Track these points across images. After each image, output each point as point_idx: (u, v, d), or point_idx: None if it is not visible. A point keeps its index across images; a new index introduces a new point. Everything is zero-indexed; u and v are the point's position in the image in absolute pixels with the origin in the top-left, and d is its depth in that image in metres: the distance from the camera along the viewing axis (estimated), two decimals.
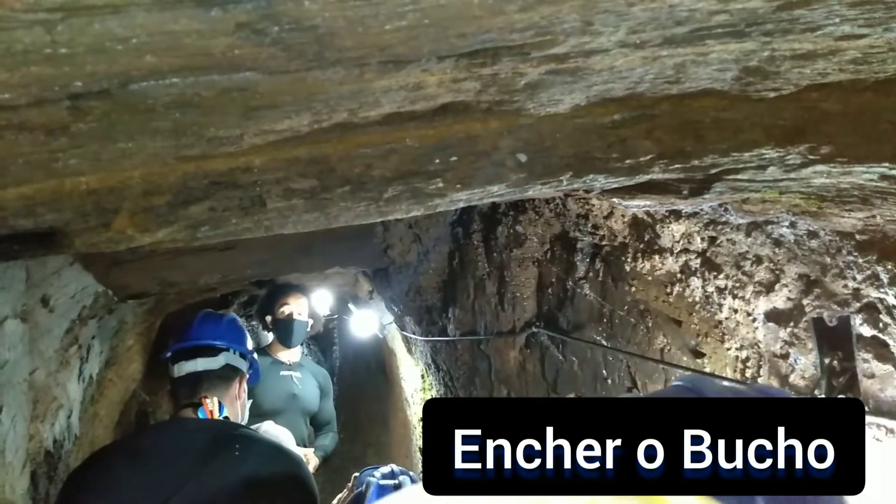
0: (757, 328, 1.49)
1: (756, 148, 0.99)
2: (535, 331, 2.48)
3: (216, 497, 1.44)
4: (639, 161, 1.02)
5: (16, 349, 2.30)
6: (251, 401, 1.94)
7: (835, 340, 1.26)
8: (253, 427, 2.09)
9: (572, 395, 2.29)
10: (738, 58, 0.87)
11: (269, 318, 3.00)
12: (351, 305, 5.56)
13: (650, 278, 1.83)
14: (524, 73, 0.88)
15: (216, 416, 1.69)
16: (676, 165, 1.02)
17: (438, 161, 1.04)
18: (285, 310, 2.96)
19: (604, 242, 2.04)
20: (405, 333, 4.18)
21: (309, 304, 3.09)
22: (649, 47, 0.82)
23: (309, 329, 3.11)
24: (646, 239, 1.81)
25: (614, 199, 1.36)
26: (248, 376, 1.85)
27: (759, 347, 1.49)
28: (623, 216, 1.89)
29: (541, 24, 0.72)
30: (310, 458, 2.79)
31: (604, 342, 2.08)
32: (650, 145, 1.00)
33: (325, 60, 0.74)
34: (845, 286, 1.24)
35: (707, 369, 1.65)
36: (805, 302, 1.35)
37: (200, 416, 1.67)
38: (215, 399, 1.70)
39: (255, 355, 1.96)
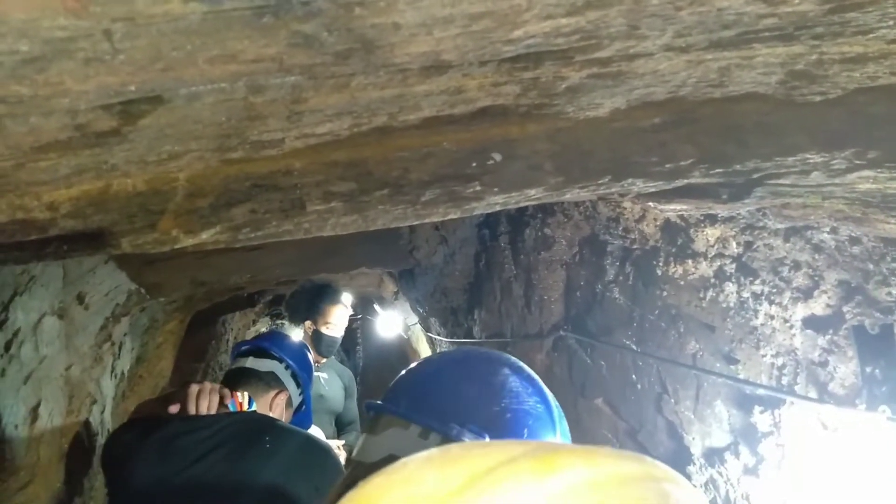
0: (794, 335, 1.46)
1: (800, 153, 0.98)
2: (563, 334, 2.46)
3: (251, 489, 1.46)
4: (679, 165, 1.01)
5: (53, 345, 2.35)
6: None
7: (877, 349, 1.23)
8: None
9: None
10: (784, 61, 0.86)
11: (309, 324, 3.00)
12: (376, 306, 5.58)
13: (682, 283, 1.80)
14: (566, 77, 0.88)
15: (245, 408, 1.71)
16: (718, 170, 1.01)
17: (475, 164, 1.04)
18: (330, 328, 2.95)
19: (634, 246, 2.02)
20: (430, 335, 4.18)
21: (344, 313, 3.11)
22: (694, 51, 0.82)
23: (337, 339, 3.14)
24: (678, 243, 1.79)
25: (650, 203, 1.34)
26: (289, 396, 1.87)
27: (796, 354, 1.46)
28: (655, 220, 1.87)
29: (587, 28, 0.72)
30: (340, 451, 2.82)
31: (633, 347, 2.06)
32: (691, 149, 0.99)
33: (370, 65, 0.75)
34: (889, 294, 1.21)
35: (741, 375, 1.62)
36: (845, 309, 1.32)
37: (231, 408, 1.70)
38: (246, 394, 1.73)
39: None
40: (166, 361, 4.55)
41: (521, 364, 0.89)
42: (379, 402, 0.86)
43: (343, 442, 2.95)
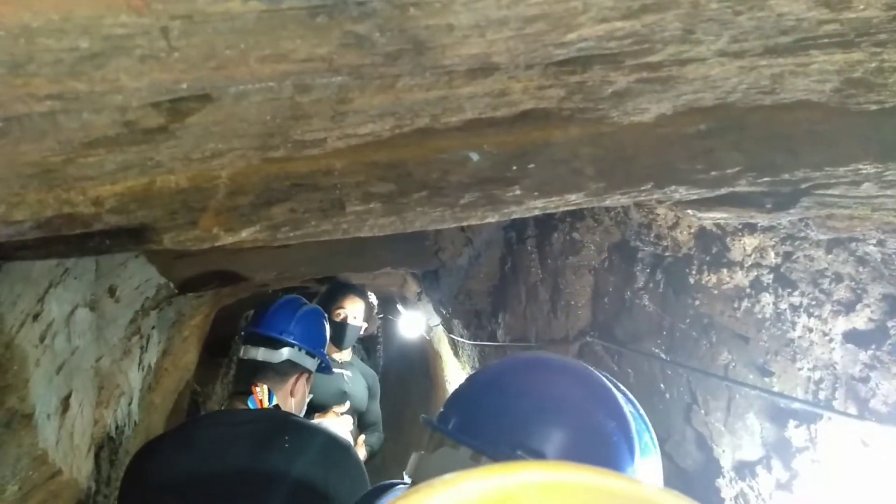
0: (833, 349, 1.42)
1: (852, 163, 0.95)
2: (590, 340, 2.44)
3: (272, 488, 1.46)
4: (724, 173, 0.99)
5: (85, 337, 2.39)
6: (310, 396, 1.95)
7: None
8: None
9: None
10: (841, 69, 0.84)
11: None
12: (399, 306, 5.59)
13: (716, 292, 1.77)
14: (613, 82, 0.86)
15: (265, 404, 1.70)
16: (765, 178, 0.98)
17: (516, 168, 1.03)
18: (340, 313, 2.99)
19: (667, 253, 1.99)
20: (453, 336, 4.17)
21: (365, 308, 3.11)
22: (748, 57, 0.80)
23: (362, 332, 3.14)
24: (713, 251, 1.76)
25: (688, 211, 1.32)
26: (311, 374, 1.85)
27: (835, 369, 1.43)
28: (689, 227, 1.84)
29: (641, 32, 0.71)
30: (360, 447, 2.84)
31: (663, 355, 2.03)
32: (738, 157, 0.97)
33: (418, 67, 0.74)
34: None
35: (776, 388, 1.59)
36: (890, 324, 1.28)
37: (250, 405, 1.68)
38: (265, 387, 1.71)
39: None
40: (191, 355, 4.60)
41: (590, 371, 0.78)
42: (433, 418, 0.80)
43: (364, 437, 2.97)
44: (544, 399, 0.75)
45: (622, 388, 0.80)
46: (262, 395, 1.70)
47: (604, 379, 0.78)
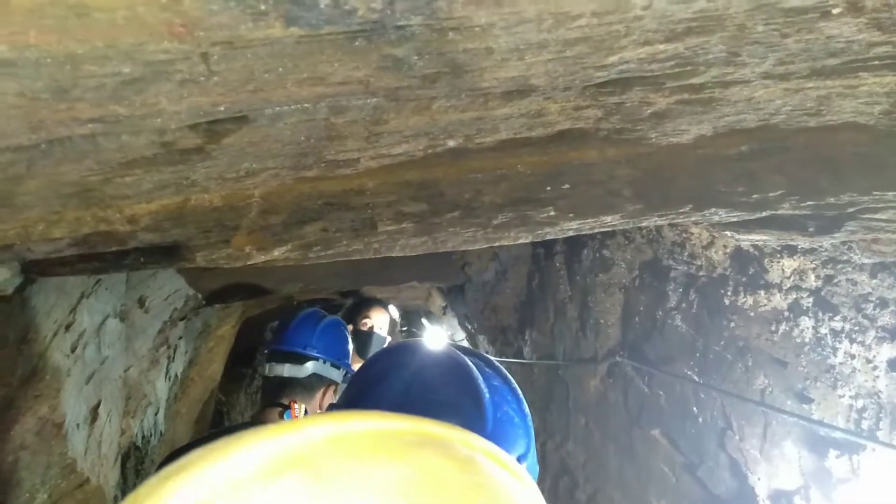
0: (878, 377, 1.37)
1: None
2: (619, 360, 2.39)
3: None
4: (767, 196, 0.96)
5: (114, 347, 2.42)
6: None
7: None
8: None
9: None
10: (891, 91, 0.81)
11: (350, 328, 3.03)
12: (424, 320, 5.57)
13: (752, 314, 1.72)
14: (653, 103, 0.85)
15: None
16: (809, 202, 0.95)
17: (550, 189, 1.02)
18: (367, 322, 2.99)
19: (701, 273, 1.95)
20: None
21: (390, 321, 3.10)
22: (794, 79, 0.77)
23: (386, 345, 3.13)
24: (750, 273, 1.71)
25: (726, 232, 1.29)
26: (338, 385, 1.85)
27: (879, 397, 1.37)
28: (725, 247, 1.80)
29: (684, 54, 0.69)
30: None
31: (695, 378, 1.98)
32: (781, 180, 0.94)
33: (455, 89, 0.73)
34: None
35: (815, 416, 1.53)
36: None
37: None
38: (303, 407, 1.72)
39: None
40: (217, 365, 4.64)
41: (454, 354, 0.86)
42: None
43: None
44: (403, 382, 0.82)
45: (496, 365, 0.88)
46: (299, 413, 1.70)
47: (465, 360, 0.85)
